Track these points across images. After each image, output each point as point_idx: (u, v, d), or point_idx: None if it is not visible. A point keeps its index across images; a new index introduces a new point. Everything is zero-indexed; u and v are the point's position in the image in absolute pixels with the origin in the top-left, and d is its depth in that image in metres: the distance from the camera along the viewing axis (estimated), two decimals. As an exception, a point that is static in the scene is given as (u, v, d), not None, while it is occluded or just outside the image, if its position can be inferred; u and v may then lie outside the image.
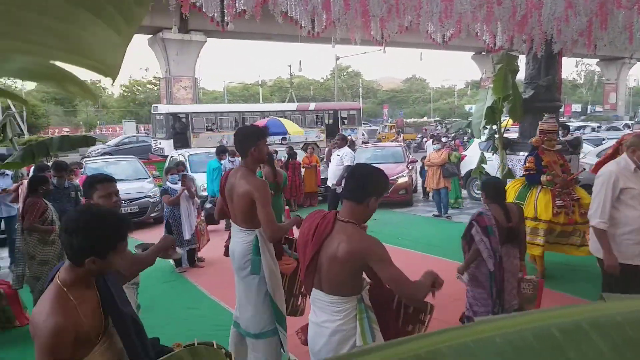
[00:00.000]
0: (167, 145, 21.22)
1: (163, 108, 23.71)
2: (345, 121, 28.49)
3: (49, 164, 8.63)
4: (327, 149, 13.95)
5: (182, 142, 21.68)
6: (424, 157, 11.18)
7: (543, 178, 5.81)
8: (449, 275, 2.61)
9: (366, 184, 2.38)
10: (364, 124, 48.97)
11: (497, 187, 3.99)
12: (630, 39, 6.21)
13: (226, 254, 3.79)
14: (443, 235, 8.38)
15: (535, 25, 6.31)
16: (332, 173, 9.47)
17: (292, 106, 29.92)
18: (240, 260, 3.35)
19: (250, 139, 3.32)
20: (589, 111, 55.94)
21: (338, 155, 9.40)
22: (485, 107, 8.33)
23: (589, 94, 69.62)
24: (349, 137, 13.22)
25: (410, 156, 13.46)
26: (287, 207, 6.75)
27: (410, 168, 11.73)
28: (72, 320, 1.78)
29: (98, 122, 56.71)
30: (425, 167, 10.48)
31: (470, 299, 3.83)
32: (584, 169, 5.71)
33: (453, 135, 21.18)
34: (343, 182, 9.45)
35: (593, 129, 24.39)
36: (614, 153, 4.58)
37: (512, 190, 6.28)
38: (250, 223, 3.31)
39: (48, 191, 5.28)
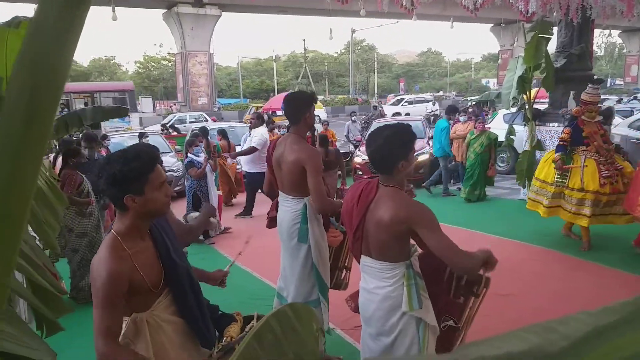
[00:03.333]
0: None
1: None
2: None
3: (74, 137, 8.68)
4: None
5: None
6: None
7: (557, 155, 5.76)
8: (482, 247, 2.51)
9: (386, 154, 2.28)
10: (379, 99, 48.35)
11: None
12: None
13: (269, 225, 3.74)
14: (473, 209, 8.29)
15: (573, -11, 6.09)
16: (243, 158, 8.40)
17: None
18: (289, 229, 3.31)
19: (304, 105, 3.25)
20: (609, 84, 54.57)
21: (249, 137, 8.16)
22: (515, 76, 8.12)
23: (609, 66, 67.84)
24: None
25: (431, 132, 12.98)
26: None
27: (430, 144, 10.89)
28: (126, 267, 1.79)
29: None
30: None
31: None
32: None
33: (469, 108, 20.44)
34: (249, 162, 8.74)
35: (616, 102, 23.77)
36: None
37: (545, 163, 6.17)
38: (299, 191, 3.24)
39: (81, 163, 5.29)
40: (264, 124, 8.78)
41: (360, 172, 10.26)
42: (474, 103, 17.84)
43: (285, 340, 1.83)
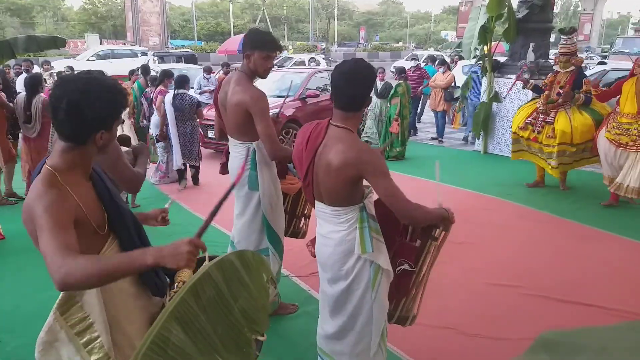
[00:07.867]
0: None
1: None
2: None
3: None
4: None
5: None
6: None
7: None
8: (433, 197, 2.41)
9: (360, 90, 2.17)
10: (339, 47, 47.38)
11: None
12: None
13: (222, 171, 3.54)
14: (427, 159, 8.31)
15: None
16: None
17: None
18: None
19: (248, 44, 2.93)
20: (562, 41, 55.64)
21: None
22: (477, 26, 8.01)
23: (564, 23, 69.07)
24: None
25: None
26: None
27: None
28: (68, 199, 1.57)
29: (58, 35, 53.03)
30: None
31: None
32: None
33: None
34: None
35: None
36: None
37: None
38: (246, 135, 3.02)
39: None
40: None
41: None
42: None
43: (230, 295, 1.67)
